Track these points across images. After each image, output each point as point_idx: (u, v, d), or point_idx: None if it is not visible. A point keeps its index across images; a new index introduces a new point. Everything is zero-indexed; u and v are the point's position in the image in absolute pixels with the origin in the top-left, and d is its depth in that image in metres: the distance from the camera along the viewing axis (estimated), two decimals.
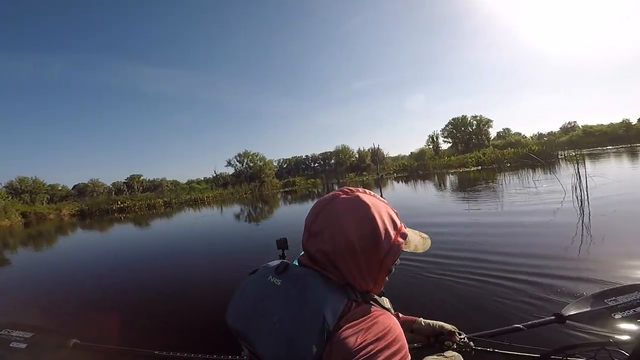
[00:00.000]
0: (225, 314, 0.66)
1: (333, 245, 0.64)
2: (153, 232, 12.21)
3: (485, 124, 50.51)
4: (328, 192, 0.75)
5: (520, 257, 3.58)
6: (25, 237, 14.43)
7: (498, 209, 6.82)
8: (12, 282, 5.85)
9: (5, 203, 26.66)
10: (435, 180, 19.71)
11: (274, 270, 0.66)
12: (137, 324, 3.24)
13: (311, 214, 0.69)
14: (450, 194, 11.69)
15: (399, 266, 0.73)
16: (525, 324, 1.20)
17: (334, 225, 0.65)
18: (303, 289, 0.60)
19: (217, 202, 27.10)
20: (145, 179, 58.79)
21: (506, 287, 2.94)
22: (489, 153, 31.39)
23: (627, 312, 1.18)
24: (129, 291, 4.42)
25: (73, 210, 27.08)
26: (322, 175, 46.45)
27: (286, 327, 0.56)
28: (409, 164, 37.50)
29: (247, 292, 0.67)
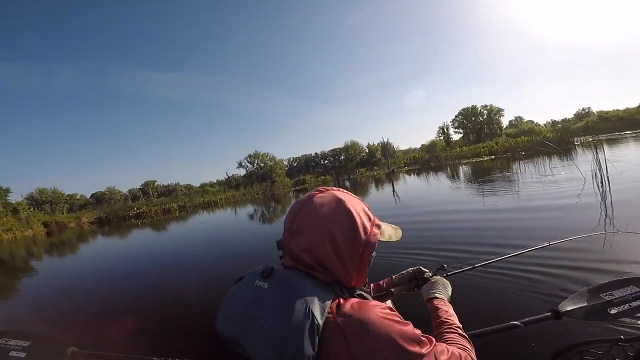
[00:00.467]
0: (216, 322, 0.67)
1: (315, 242, 0.67)
2: (165, 237, 12.40)
3: (496, 113, 49.57)
4: (339, 187, 0.78)
5: (539, 249, 3.43)
6: (47, 246, 14.87)
7: (514, 198, 6.63)
8: (27, 292, 6.02)
9: (27, 214, 27.58)
10: (448, 172, 19.43)
11: (260, 275, 0.66)
12: (139, 330, 3.25)
13: (290, 214, 0.71)
14: (463, 184, 11.46)
15: (395, 258, 0.75)
16: (522, 320, 1.18)
17: (313, 222, 0.68)
18: (289, 290, 0.61)
19: (230, 203, 27.38)
20: (159, 185, 59.95)
21: (523, 278, 2.86)
22: (502, 142, 30.81)
23: (622, 307, 1.18)
24: (133, 297, 4.47)
25: (92, 218, 27.76)
26: (332, 172, 46.37)
27: (276, 329, 0.57)
28: (421, 157, 37.08)
29: (235, 299, 0.68)
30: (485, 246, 3.87)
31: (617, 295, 1.23)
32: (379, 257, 0.80)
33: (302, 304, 0.58)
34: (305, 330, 0.55)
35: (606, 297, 1.23)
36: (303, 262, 0.68)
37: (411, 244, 4.41)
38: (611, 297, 1.22)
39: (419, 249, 4.18)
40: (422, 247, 4.25)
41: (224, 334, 0.65)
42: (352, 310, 0.61)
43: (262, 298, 0.63)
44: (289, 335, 0.55)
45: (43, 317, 4.12)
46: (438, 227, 5.44)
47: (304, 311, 0.57)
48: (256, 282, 0.66)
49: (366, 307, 0.61)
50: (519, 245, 3.47)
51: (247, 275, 0.71)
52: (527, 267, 3.02)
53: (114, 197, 55.02)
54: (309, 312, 0.57)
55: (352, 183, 27.00)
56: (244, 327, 0.62)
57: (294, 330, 0.55)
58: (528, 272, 2.95)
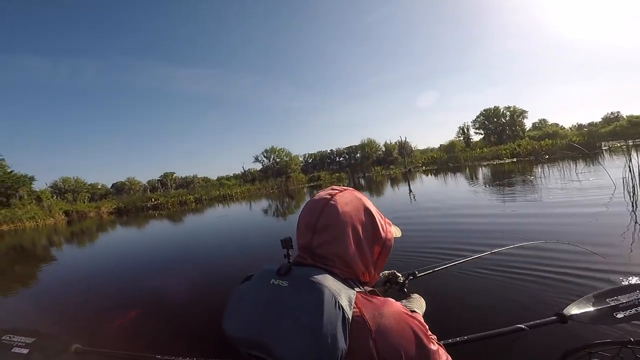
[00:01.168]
0: (224, 326, 0.65)
1: (340, 239, 0.69)
2: (178, 230, 12.53)
3: (519, 114, 48.20)
4: (354, 186, 0.70)
5: (562, 255, 3.19)
6: (67, 235, 15.36)
7: (534, 204, 6.27)
8: (40, 284, 6.15)
9: (50, 203, 28.62)
10: (467, 173, 18.89)
11: (276, 274, 0.65)
12: (144, 328, 3.21)
13: (312, 211, 0.71)
14: (483, 187, 10.98)
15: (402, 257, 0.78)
16: (527, 324, 1.18)
17: (339, 219, 0.69)
18: (315, 286, 0.60)
19: (245, 197, 27.63)
20: (177, 177, 61.09)
21: (529, 281, 2.83)
22: (524, 144, 29.83)
23: (629, 312, 1.17)
24: (140, 293, 4.45)
25: (111, 208, 28.57)
26: (347, 169, 46.10)
27: (307, 322, 0.56)
28: (439, 157, 36.34)
29: (246, 300, 0.66)
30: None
31: (623, 300, 1.22)
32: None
33: (331, 299, 0.58)
34: (338, 324, 0.56)
35: (612, 302, 1.22)
36: (325, 259, 0.69)
37: (421, 244, 4.45)
38: (617, 302, 1.22)
39: (427, 249, 4.23)
40: (432, 247, 4.30)
41: (241, 336, 0.62)
42: (376, 306, 0.63)
43: (283, 297, 0.61)
44: (323, 331, 0.55)
45: (52, 311, 4.15)
46: (451, 229, 5.27)
47: (334, 306, 0.57)
48: (272, 281, 0.64)
49: (389, 303, 0.65)
50: (534, 256, 3.27)
51: (257, 274, 0.69)
52: (534, 271, 2.99)
53: (133, 187, 56.46)
54: (339, 306, 0.57)
55: (367, 181, 26.74)
56: (266, 328, 0.60)
57: (329, 325, 0.55)
58: (534, 276, 2.91)
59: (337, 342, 0.54)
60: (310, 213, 0.71)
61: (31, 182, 30.81)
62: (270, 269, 0.67)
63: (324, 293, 0.58)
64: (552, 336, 1.80)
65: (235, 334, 0.64)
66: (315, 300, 0.58)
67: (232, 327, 0.65)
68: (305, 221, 0.72)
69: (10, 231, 20.19)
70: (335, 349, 0.54)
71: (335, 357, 0.54)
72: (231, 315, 0.66)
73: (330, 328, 0.55)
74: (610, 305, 1.22)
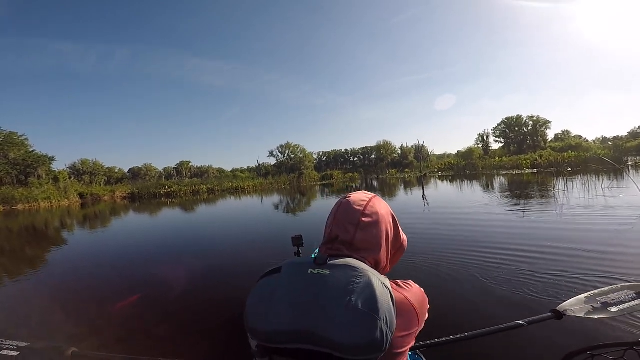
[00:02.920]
0: (252, 324, 0.63)
1: (377, 235, 0.78)
2: (187, 221, 12.49)
3: (542, 124, 46.86)
4: (366, 187, 0.76)
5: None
6: (79, 218, 15.61)
7: (552, 221, 5.79)
8: (40, 275, 6.09)
9: (66, 184, 29.33)
10: (484, 182, 18.26)
11: (314, 263, 0.66)
12: (146, 330, 3.08)
13: (354, 210, 0.78)
14: (500, 197, 10.40)
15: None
16: (525, 320, 1.20)
17: (379, 219, 0.79)
18: (360, 270, 0.63)
19: (257, 191, 27.66)
20: (193, 166, 62.01)
21: (525, 281, 2.73)
22: (546, 155, 28.85)
23: (622, 306, 1.21)
24: (142, 292, 4.21)
25: (125, 192, 29.11)
26: (361, 170, 45.65)
27: (364, 304, 0.58)
28: (456, 163, 35.53)
29: (282, 292, 0.64)
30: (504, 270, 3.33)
31: (615, 297, 1.27)
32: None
33: (379, 282, 0.62)
34: (390, 302, 0.61)
35: (604, 299, 1.27)
36: (361, 252, 0.75)
37: (430, 252, 4.31)
38: (609, 299, 1.26)
39: (435, 257, 4.14)
40: (439, 256, 4.19)
41: (282, 330, 0.61)
42: (406, 288, 0.75)
43: (328, 283, 0.62)
44: (381, 310, 0.58)
45: (49, 306, 3.94)
46: (459, 239, 4.97)
47: (382, 286, 0.62)
48: (310, 271, 0.65)
49: (412, 284, 0.78)
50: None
51: (287, 266, 0.68)
52: (531, 272, 3.18)
53: (149, 173, 57.58)
54: (385, 286, 0.62)
55: (380, 183, 26.29)
56: (315, 316, 0.59)
57: (384, 304, 0.59)
58: (530, 276, 3.09)
59: (392, 317, 0.59)
60: (352, 211, 0.78)
61: (51, 162, 31.75)
62: (303, 261, 0.68)
63: (370, 276, 0.62)
64: (549, 332, 1.88)
65: (273, 328, 0.61)
66: (365, 283, 0.61)
67: (268, 322, 0.62)
68: (346, 218, 0.77)
69: (25, 211, 20.78)
70: (392, 324, 0.59)
71: (392, 331, 0.60)
72: (261, 310, 0.63)
73: (386, 306, 0.59)
74: (603, 302, 1.26)
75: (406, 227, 0.88)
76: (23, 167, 29.56)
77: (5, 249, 8.52)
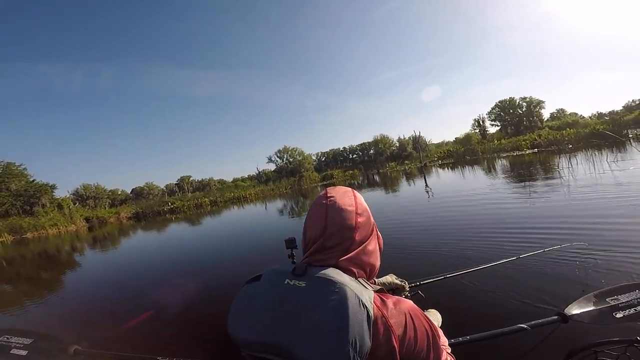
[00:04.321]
0: (230, 329, 0.63)
1: (351, 237, 0.70)
2: (190, 234, 12.51)
3: (536, 105, 46.87)
4: (368, 183, 1.00)
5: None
6: (89, 240, 15.66)
7: (562, 200, 5.77)
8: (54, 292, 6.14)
9: (71, 209, 29.44)
10: (485, 165, 18.24)
11: (292, 274, 0.64)
12: (149, 330, 3.20)
13: (324, 212, 0.71)
14: (503, 180, 10.41)
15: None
16: (529, 323, 1.18)
17: (369, 216, 0.73)
18: (336, 284, 0.59)
19: (259, 198, 27.68)
20: (194, 180, 62.14)
21: (531, 281, 2.72)
22: (545, 134, 28.76)
23: (628, 312, 1.18)
24: (146, 296, 4.41)
25: (130, 213, 29.16)
26: (361, 166, 45.64)
27: (331, 320, 0.56)
28: (455, 150, 35.48)
29: (257, 301, 0.63)
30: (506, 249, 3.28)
31: (623, 299, 1.23)
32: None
33: (354, 298, 0.58)
34: (364, 322, 0.56)
35: (612, 302, 1.23)
36: (338, 258, 0.68)
37: (435, 244, 4.28)
38: (617, 302, 1.22)
39: (443, 249, 4.07)
40: (447, 246, 4.12)
41: (253, 339, 0.60)
42: (394, 304, 0.65)
43: (301, 297, 0.60)
44: (350, 329, 0.55)
45: (57, 313, 4.19)
46: (466, 227, 4.96)
47: (358, 304, 0.57)
48: (286, 281, 0.63)
49: (404, 302, 0.67)
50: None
51: (266, 275, 0.67)
52: (535, 270, 2.97)
53: (152, 191, 57.65)
54: (363, 305, 0.58)
55: (381, 177, 26.27)
56: (285, 329, 0.58)
57: (355, 324, 0.55)
58: (536, 275, 2.89)
59: (364, 339, 0.55)
60: (322, 214, 0.70)
61: (52, 190, 31.82)
62: (282, 269, 0.66)
63: (347, 292, 0.58)
64: (554, 335, 1.81)
65: (245, 336, 0.61)
66: (339, 299, 0.57)
67: (242, 330, 0.62)
68: (317, 223, 0.70)
69: (35, 238, 20.85)
70: (362, 347, 0.55)
71: (362, 355, 0.55)
72: (239, 317, 0.63)
73: (357, 327, 0.55)
74: (610, 305, 1.23)
75: (408, 220, 0.82)
76: (26, 198, 29.67)
77: (22, 274, 8.65)
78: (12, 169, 31.31)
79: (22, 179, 30.97)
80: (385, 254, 0.83)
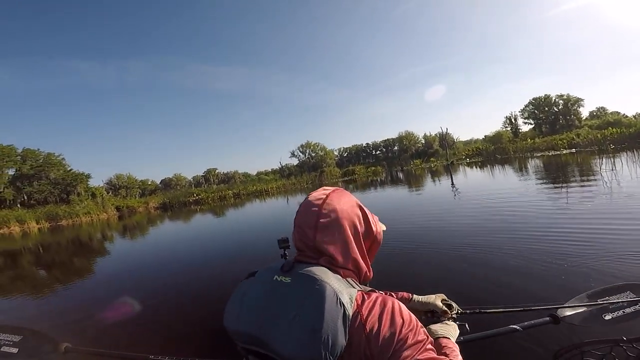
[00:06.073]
0: (224, 320, 0.66)
1: (341, 236, 0.70)
2: (211, 226, 12.70)
3: (574, 103, 44.20)
4: (391, 180, 0.93)
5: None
6: (119, 229, 16.33)
7: (604, 206, 5.26)
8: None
9: (104, 199, 30.93)
10: (517, 166, 17.33)
11: (280, 270, 0.66)
12: (142, 328, 3.21)
13: (312, 211, 0.71)
14: (537, 181, 9.71)
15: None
16: (521, 324, 1.17)
17: (339, 216, 0.71)
18: (318, 283, 0.60)
19: (280, 192, 27.87)
20: (220, 172, 63.71)
21: (523, 281, 2.42)
22: (584, 134, 26.96)
23: (617, 313, 1.21)
24: (139, 294, 4.36)
25: (157, 203, 30.22)
26: (384, 162, 44.90)
27: (307, 319, 0.57)
28: (485, 148, 34.10)
29: (249, 295, 0.66)
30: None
31: (613, 300, 1.25)
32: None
33: (333, 296, 0.58)
34: (339, 321, 0.56)
35: (603, 303, 1.25)
36: (326, 256, 0.69)
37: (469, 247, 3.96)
38: (607, 303, 1.24)
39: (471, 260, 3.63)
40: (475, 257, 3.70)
41: (240, 330, 0.63)
42: (374, 303, 0.63)
43: (285, 292, 0.62)
44: (324, 327, 0.55)
45: (49, 310, 4.26)
46: (495, 234, 4.47)
47: (336, 303, 0.58)
48: (275, 277, 0.65)
49: (386, 300, 0.64)
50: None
51: (261, 270, 0.70)
52: (527, 271, 2.99)
53: (179, 183, 59.71)
54: (340, 303, 0.58)
55: (405, 175, 25.68)
56: (267, 323, 0.60)
57: (330, 322, 0.56)
58: (528, 276, 2.91)
59: (337, 338, 0.55)
60: (310, 212, 0.71)
61: (87, 179, 33.54)
62: (274, 266, 0.68)
63: (326, 290, 0.59)
64: (545, 335, 1.82)
65: (234, 327, 0.64)
66: (317, 297, 0.58)
67: (232, 321, 0.65)
68: (305, 221, 0.71)
69: (69, 226, 22.08)
70: (335, 345, 0.55)
71: (334, 354, 0.55)
72: (232, 309, 0.67)
73: (331, 325, 0.56)
74: (600, 307, 1.24)
75: (427, 219, 0.67)
76: (63, 186, 31.45)
77: (56, 261, 9.13)
78: (51, 158, 33.31)
79: (60, 168, 32.86)
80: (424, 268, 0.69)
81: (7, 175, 31.44)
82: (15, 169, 32.05)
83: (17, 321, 3.57)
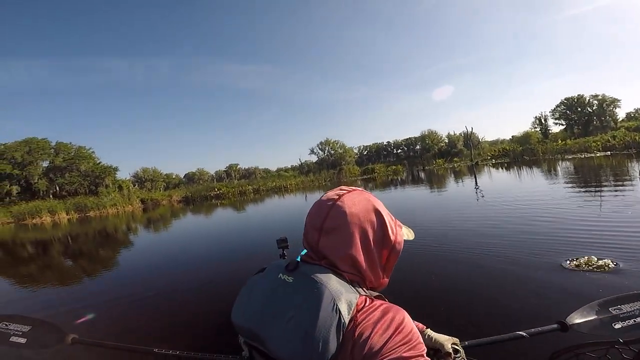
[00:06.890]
0: (231, 314, 0.66)
1: (348, 240, 0.66)
2: (230, 220, 12.83)
3: (610, 103, 41.85)
4: (412, 179, 0.83)
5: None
6: (142, 221, 16.87)
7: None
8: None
9: (130, 191, 32.13)
10: (547, 168, 16.53)
11: (285, 269, 0.65)
12: (144, 322, 3.23)
13: (320, 212, 0.68)
14: (567, 185, 9.19)
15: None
16: (527, 331, 1.15)
17: (347, 221, 0.66)
18: (318, 285, 0.59)
19: (299, 189, 27.97)
20: (241, 168, 64.83)
21: (532, 287, 2.16)
22: (621, 136, 25.37)
23: (627, 322, 1.19)
24: (143, 289, 4.47)
25: (180, 196, 31.07)
26: (405, 161, 44.14)
27: (302, 322, 0.56)
28: (512, 148, 32.82)
29: (255, 291, 0.66)
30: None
31: (625, 309, 1.22)
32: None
33: (329, 302, 0.56)
34: (332, 328, 0.55)
35: (614, 311, 1.22)
36: (331, 261, 0.66)
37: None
38: (619, 312, 1.21)
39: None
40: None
41: (243, 325, 0.64)
42: (374, 310, 0.60)
43: (286, 292, 0.61)
44: (316, 333, 0.54)
45: (59, 300, 4.39)
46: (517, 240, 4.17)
47: (331, 309, 0.56)
48: (280, 275, 0.64)
49: (388, 309, 0.61)
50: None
51: (269, 267, 0.69)
52: (537, 277, 2.92)
53: (202, 177, 61.20)
54: (337, 310, 0.56)
55: (427, 175, 25.09)
56: (266, 320, 0.60)
57: (322, 328, 0.54)
58: (537, 282, 2.84)
59: (328, 345, 0.54)
60: (318, 214, 0.68)
61: (115, 172, 34.97)
62: (281, 263, 0.67)
63: (324, 294, 0.57)
64: (551, 343, 1.63)
65: (238, 322, 0.65)
66: (314, 300, 0.57)
67: (237, 316, 0.65)
68: (312, 222, 0.69)
69: (96, 217, 23.09)
70: (324, 352, 0.54)
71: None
72: (239, 304, 0.67)
73: (323, 331, 0.54)
74: (611, 315, 1.20)
75: (450, 222, 0.56)
76: (92, 178, 32.92)
77: (84, 251, 9.53)
78: (82, 151, 34.94)
79: (90, 161, 34.41)
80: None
81: (41, 167, 33.29)
82: (48, 161, 33.91)
83: (32, 311, 3.74)
